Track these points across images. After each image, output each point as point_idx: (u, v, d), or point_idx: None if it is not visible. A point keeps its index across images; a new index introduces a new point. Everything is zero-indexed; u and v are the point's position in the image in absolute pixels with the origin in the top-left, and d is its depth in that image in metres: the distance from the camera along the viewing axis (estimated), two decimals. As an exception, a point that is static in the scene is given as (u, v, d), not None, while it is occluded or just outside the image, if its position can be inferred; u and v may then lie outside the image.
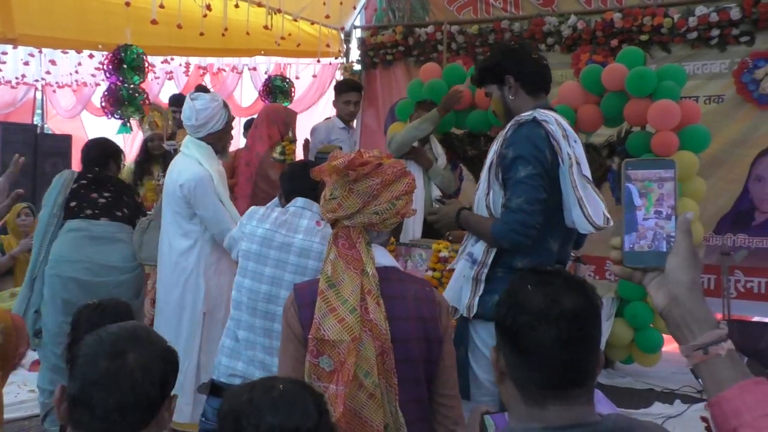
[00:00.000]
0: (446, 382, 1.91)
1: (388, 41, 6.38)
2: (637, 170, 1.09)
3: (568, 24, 5.50)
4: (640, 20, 5.19)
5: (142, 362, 1.34)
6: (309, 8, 6.36)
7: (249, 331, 2.42)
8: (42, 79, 9.70)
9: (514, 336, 1.22)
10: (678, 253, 1.05)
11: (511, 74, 2.58)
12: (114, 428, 1.31)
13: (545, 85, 2.63)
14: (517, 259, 2.49)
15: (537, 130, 2.42)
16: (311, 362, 1.74)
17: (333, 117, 5.41)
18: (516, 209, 2.39)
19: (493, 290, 2.50)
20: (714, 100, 5.16)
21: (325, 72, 8.09)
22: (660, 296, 1.06)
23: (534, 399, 1.21)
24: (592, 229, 2.40)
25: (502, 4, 5.99)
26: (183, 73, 9.09)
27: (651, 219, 1.08)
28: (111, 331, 1.40)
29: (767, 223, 5.04)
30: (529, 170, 2.38)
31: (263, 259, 2.40)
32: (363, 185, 1.80)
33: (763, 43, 4.96)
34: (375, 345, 1.73)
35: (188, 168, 3.33)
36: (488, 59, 2.72)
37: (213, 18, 5.42)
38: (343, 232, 1.84)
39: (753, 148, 5.03)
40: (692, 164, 4.07)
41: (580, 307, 1.21)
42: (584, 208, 2.38)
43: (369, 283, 1.78)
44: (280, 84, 7.33)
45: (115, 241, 3.70)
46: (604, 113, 4.31)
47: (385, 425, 1.72)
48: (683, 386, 4.31)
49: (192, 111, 3.38)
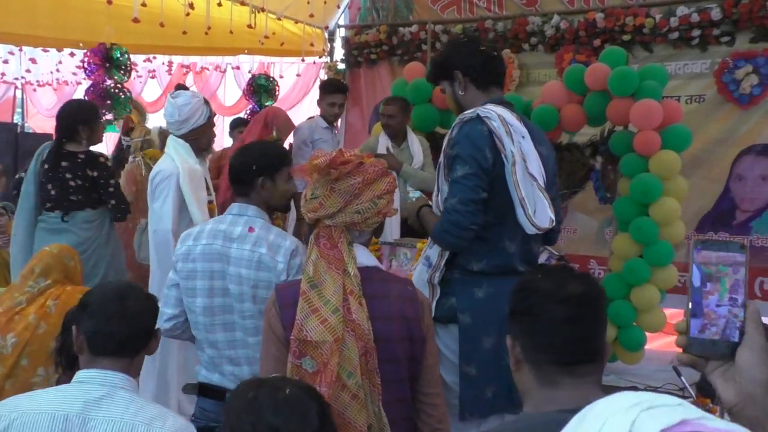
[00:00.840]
0: (430, 381, 1.90)
1: (372, 40, 6.37)
2: (710, 252, 1.02)
3: (552, 24, 5.52)
4: (622, 20, 5.22)
5: (140, 303, 1.87)
6: (293, 7, 6.34)
7: (212, 348, 2.38)
8: (22, 78, 9.60)
9: (528, 318, 1.32)
10: (752, 347, 0.97)
11: (459, 69, 2.52)
12: (125, 349, 1.81)
13: (496, 78, 2.55)
14: (472, 262, 2.44)
15: (479, 128, 2.36)
16: (294, 363, 1.73)
17: (316, 116, 5.38)
18: (450, 209, 2.34)
19: (450, 292, 2.46)
20: (695, 99, 5.20)
21: (309, 71, 8.07)
22: (729, 392, 0.96)
23: (548, 379, 1.30)
24: (534, 230, 2.35)
25: (486, 4, 6.00)
26: (166, 71, 9.04)
27: (724, 306, 1.00)
28: (111, 285, 2.00)
29: (748, 222, 5.09)
30: (466, 170, 2.32)
31: (209, 274, 2.34)
32: (344, 184, 1.80)
33: (743, 43, 5.00)
34: (358, 345, 1.72)
35: (160, 163, 3.43)
36: (438, 56, 2.68)
37: (196, 16, 5.38)
38: (325, 232, 1.83)
39: (734, 148, 5.07)
40: (674, 164, 4.09)
41: (586, 289, 1.32)
42: (525, 208, 2.32)
43: (351, 283, 1.77)
44: (264, 83, 7.31)
45: (61, 231, 3.86)
46: (587, 113, 4.33)
47: (368, 425, 1.72)
48: (666, 384, 4.34)
49: (174, 108, 3.39)
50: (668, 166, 4.09)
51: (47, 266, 2.95)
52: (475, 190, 2.32)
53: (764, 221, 5.03)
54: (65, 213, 3.89)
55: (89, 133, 3.95)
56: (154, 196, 3.36)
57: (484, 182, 2.34)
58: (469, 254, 2.43)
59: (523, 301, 1.34)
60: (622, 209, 4.29)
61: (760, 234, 5.03)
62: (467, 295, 2.43)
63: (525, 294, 1.34)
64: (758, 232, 5.04)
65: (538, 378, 1.31)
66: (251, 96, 7.33)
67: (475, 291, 2.43)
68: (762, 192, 5.03)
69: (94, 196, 3.91)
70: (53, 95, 9.83)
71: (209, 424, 2.36)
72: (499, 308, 2.27)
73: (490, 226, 2.40)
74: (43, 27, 5.63)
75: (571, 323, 1.29)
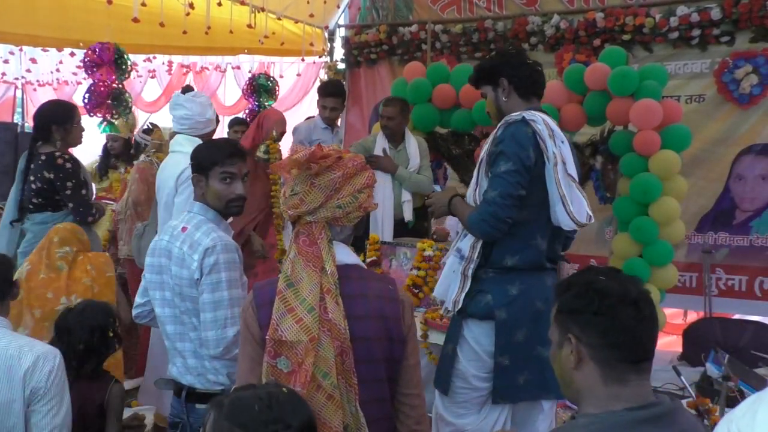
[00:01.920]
0: (409, 381, 1.88)
1: (372, 40, 6.36)
2: None
3: (551, 23, 5.52)
4: (622, 20, 5.22)
5: None
6: (293, 7, 6.34)
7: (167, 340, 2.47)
8: (22, 78, 9.60)
9: (600, 319, 1.39)
10: None
11: (505, 77, 2.71)
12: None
13: (537, 90, 2.75)
14: (506, 257, 2.59)
15: (524, 129, 2.52)
16: (269, 363, 1.71)
17: (316, 117, 5.39)
18: (490, 201, 2.50)
19: (486, 290, 2.61)
20: (695, 99, 5.20)
21: (309, 71, 8.08)
22: None
23: (617, 377, 1.38)
24: (575, 225, 2.51)
25: (486, 4, 6.00)
26: (166, 71, 9.04)
27: None
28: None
29: (748, 222, 5.08)
30: (509, 166, 2.48)
31: (158, 268, 2.45)
32: (324, 179, 1.79)
33: (743, 43, 5.00)
34: (334, 345, 1.70)
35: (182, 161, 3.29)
36: (486, 61, 2.85)
37: (196, 16, 5.38)
38: (305, 229, 1.82)
39: (734, 147, 5.07)
40: (674, 163, 4.09)
41: (644, 291, 1.43)
42: (567, 205, 2.48)
43: (328, 282, 1.76)
44: (264, 82, 7.30)
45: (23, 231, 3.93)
46: (587, 112, 4.33)
47: (345, 425, 1.70)
48: (666, 383, 4.33)
49: (199, 107, 3.43)
50: (668, 165, 4.09)
51: (65, 238, 3.42)
52: (516, 186, 2.49)
53: (764, 221, 5.03)
54: (26, 214, 3.89)
55: (63, 135, 3.85)
56: (178, 191, 3.36)
57: (524, 180, 2.51)
58: (504, 249, 2.59)
59: (593, 303, 1.40)
60: (621, 209, 4.29)
61: (760, 234, 5.03)
62: (502, 292, 2.59)
63: (594, 295, 1.40)
64: (758, 231, 5.04)
65: (605, 376, 1.39)
66: (251, 95, 7.32)
67: (509, 288, 2.59)
68: (762, 191, 5.03)
69: (55, 198, 3.83)
70: (53, 95, 9.82)
71: (174, 420, 2.40)
72: (530, 303, 2.57)
73: (525, 222, 2.57)
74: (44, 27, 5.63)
75: (644, 322, 1.38)
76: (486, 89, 2.79)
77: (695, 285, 5.19)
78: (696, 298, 5.11)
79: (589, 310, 1.41)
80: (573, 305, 1.43)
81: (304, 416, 1.43)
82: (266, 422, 1.36)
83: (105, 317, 2.73)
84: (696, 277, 5.19)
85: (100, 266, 3.50)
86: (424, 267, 4.02)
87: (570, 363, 1.42)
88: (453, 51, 6.01)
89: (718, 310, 5.01)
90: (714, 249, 5.09)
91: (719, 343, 4.33)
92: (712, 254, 5.00)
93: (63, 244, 3.39)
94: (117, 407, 2.68)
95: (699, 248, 5.08)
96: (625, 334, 1.38)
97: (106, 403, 2.65)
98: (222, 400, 1.43)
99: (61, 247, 3.37)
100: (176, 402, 2.42)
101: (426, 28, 6.02)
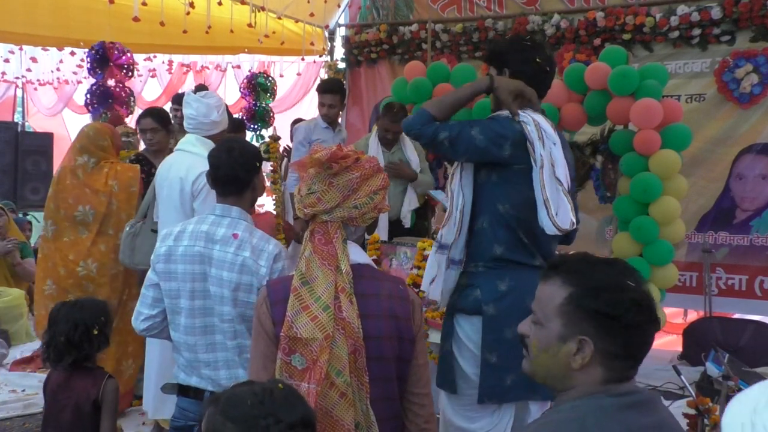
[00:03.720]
0: (418, 380, 1.89)
1: (373, 39, 6.37)
2: None
3: (552, 23, 5.52)
4: (622, 19, 5.23)
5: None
6: (293, 6, 6.34)
7: (190, 351, 2.36)
8: (22, 77, 9.60)
9: (629, 332, 1.30)
10: None
11: (509, 68, 2.61)
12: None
13: (539, 91, 2.63)
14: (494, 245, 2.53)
15: (513, 126, 2.47)
16: (283, 360, 1.73)
17: (317, 117, 5.37)
18: (438, 126, 2.52)
19: (475, 284, 2.55)
20: (695, 98, 5.20)
21: (309, 70, 8.08)
22: None
23: (617, 377, 1.32)
24: (556, 230, 2.43)
25: (486, 3, 6.01)
26: (166, 71, 9.04)
27: None
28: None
29: (748, 221, 5.09)
30: (477, 132, 2.47)
31: (190, 276, 2.33)
32: (343, 179, 1.80)
33: (743, 42, 5.01)
34: (347, 343, 1.72)
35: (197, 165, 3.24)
36: (499, 44, 2.79)
37: (196, 15, 5.39)
38: (320, 228, 1.83)
39: (734, 147, 5.08)
40: (674, 163, 4.09)
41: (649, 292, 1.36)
42: (549, 210, 2.41)
43: (343, 281, 1.77)
44: (262, 81, 7.27)
45: None
46: (588, 112, 4.33)
47: (356, 424, 1.71)
48: (666, 383, 4.34)
49: (210, 108, 3.39)
50: (668, 165, 4.09)
51: (83, 147, 3.70)
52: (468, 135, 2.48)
53: (764, 220, 5.04)
54: None
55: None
56: (193, 196, 3.30)
57: (472, 154, 2.52)
58: (492, 238, 2.53)
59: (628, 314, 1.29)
60: (622, 208, 4.29)
61: (760, 233, 5.04)
62: (491, 287, 2.53)
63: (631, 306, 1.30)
64: (758, 231, 5.05)
65: (607, 378, 1.32)
66: (249, 94, 7.28)
67: (499, 284, 2.52)
68: (762, 191, 5.04)
69: None
70: (54, 94, 9.83)
71: (188, 423, 2.36)
72: (521, 300, 2.39)
73: (512, 218, 2.51)
74: (44, 26, 5.64)
75: (651, 326, 1.33)
76: (492, 71, 2.68)
77: (695, 284, 5.19)
78: (696, 297, 5.12)
79: (621, 322, 1.29)
80: (602, 309, 1.30)
81: (298, 412, 1.42)
82: (257, 417, 1.36)
83: (93, 315, 2.68)
84: (696, 276, 5.20)
85: (125, 181, 3.76)
86: (424, 266, 4.03)
87: (573, 362, 1.32)
88: (453, 50, 6.02)
89: (718, 310, 5.02)
90: (714, 248, 5.10)
91: (719, 342, 4.33)
92: (712, 254, 5.00)
93: (81, 152, 3.66)
94: (112, 402, 2.67)
95: (699, 248, 5.09)
96: (644, 348, 1.34)
97: (100, 399, 2.64)
98: (220, 395, 1.45)
99: (81, 155, 3.63)
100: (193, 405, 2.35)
101: (426, 27, 6.02)
